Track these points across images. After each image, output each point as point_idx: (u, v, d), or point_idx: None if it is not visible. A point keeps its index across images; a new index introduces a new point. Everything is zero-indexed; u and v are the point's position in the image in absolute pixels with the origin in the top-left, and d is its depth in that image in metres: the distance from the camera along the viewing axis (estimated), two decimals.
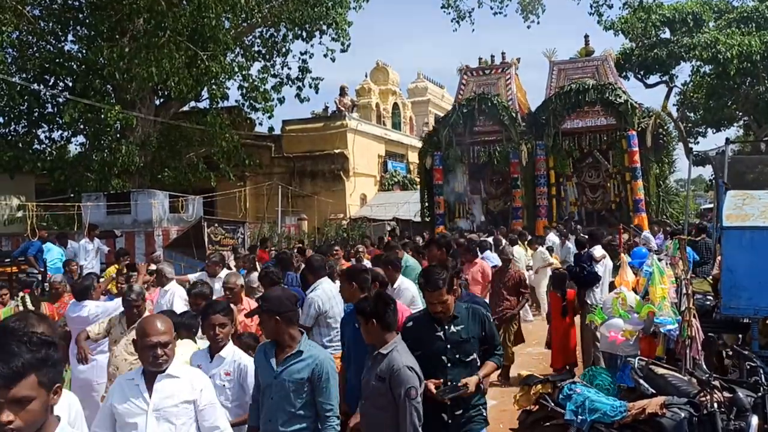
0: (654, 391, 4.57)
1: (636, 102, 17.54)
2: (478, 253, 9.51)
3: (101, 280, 7.71)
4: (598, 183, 18.51)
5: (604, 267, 8.54)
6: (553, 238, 13.64)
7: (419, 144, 22.18)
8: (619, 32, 25.63)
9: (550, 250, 12.48)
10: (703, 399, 4.08)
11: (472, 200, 19.40)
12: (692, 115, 31.72)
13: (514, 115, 18.15)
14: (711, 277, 7.55)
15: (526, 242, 12.80)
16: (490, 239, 12.05)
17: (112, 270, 9.77)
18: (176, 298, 6.34)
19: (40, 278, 11.09)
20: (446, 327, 3.68)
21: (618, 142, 17.54)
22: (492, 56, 19.94)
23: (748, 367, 4.68)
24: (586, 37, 19.72)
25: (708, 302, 6.35)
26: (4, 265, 12.07)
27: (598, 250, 8.86)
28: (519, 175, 18.11)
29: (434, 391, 3.51)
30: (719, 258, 7.39)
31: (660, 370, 4.86)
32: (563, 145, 17.96)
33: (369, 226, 20.65)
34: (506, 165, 18.28)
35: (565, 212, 18.22)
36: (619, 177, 17.91)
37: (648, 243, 11.36)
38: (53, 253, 11.66)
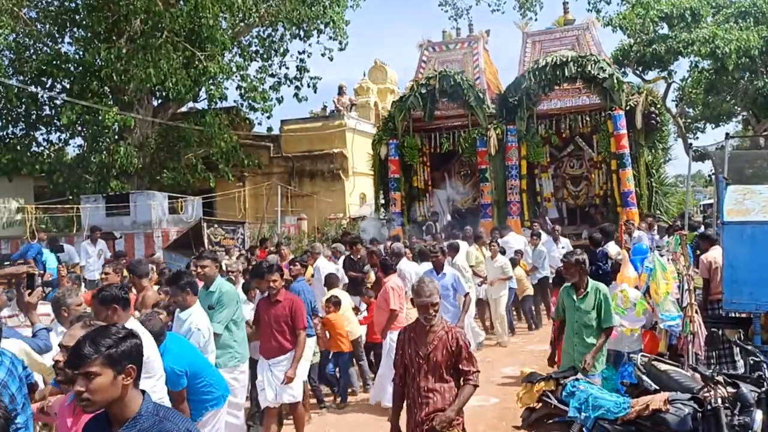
0: (657, 387, 4.56)
1: (622, 74, 15.22)
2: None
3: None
4: (581, 174, 16.16)
5: None
6: (510, 240, 11.58)
7: None
8: (617, 28, 25.62)
9: (519, 254, 10.89)
10: (707, 394, 4.07)
11: (436, 196, 16.75)
12: (691, 110, 31.73)
13: (481, 95, 15.40)
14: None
15: (483, 246, 10.67)
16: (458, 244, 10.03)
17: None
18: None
19: (40, 281, 11.05)
20: None
21: (603, 125, 14.78)
22: (458, 29, 17.61)
23: (752, 362, 4.66)
24: (565, 4, 17.05)
25: None
26: (4, 267, 12.02)
27: (612, 247, 8.59)
28: (488, 166, 15.40)
29: None
30: (702, 256, 7.37)
31: (663, 366, 4.85)
32: (539, 129, 15.24)
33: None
34: (473, 154, 15.73)
35: (540, 209, 15.68)
36: (605, 166, 15.34)
37: (640, 242, 11.10)
38: (50, 261, 11.60)
